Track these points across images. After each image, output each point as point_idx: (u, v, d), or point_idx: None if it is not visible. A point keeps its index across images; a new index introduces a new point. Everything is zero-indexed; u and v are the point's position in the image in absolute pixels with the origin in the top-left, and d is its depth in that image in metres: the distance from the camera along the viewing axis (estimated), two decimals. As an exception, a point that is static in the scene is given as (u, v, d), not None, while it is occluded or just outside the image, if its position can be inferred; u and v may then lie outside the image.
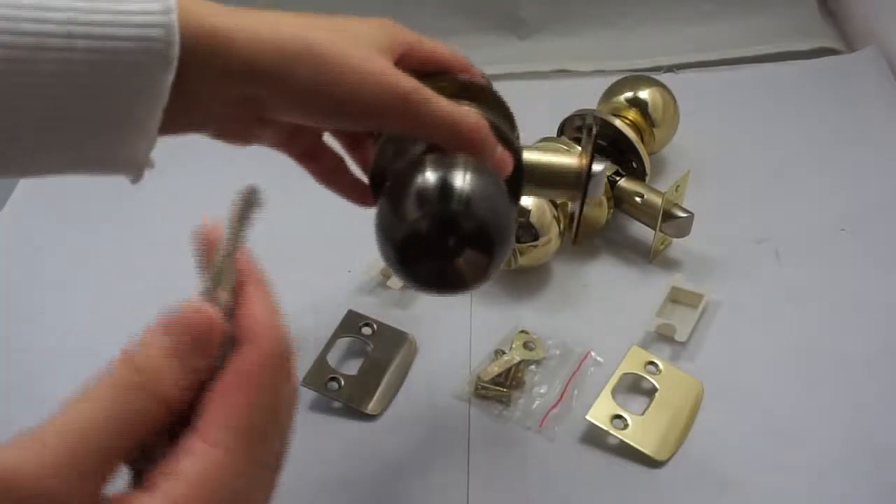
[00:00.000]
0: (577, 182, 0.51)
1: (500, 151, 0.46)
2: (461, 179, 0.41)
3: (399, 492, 0.56)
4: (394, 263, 0.43)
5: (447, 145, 0.44)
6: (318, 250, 0.72)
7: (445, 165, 0.42)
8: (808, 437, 0.56)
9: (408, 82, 0.43)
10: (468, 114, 0.44)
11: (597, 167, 0.51)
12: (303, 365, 0.61)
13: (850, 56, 0.91)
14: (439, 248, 0.42)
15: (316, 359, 0.62)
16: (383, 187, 0.45)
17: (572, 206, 0.54)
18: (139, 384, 0.31)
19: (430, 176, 0.41)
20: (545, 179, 0.52)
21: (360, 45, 0.43)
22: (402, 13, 0.97)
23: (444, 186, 0.41)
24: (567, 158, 0.52)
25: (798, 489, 0.54)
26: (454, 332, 0.65)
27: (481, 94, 0.49)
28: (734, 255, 0.69)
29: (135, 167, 0.42)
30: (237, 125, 0.46)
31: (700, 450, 0.56)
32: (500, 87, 0.96)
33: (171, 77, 0.38)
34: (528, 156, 0.51)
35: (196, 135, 0.44)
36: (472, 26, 0.96)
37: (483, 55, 0.94)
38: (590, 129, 0.51)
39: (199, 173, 0.79)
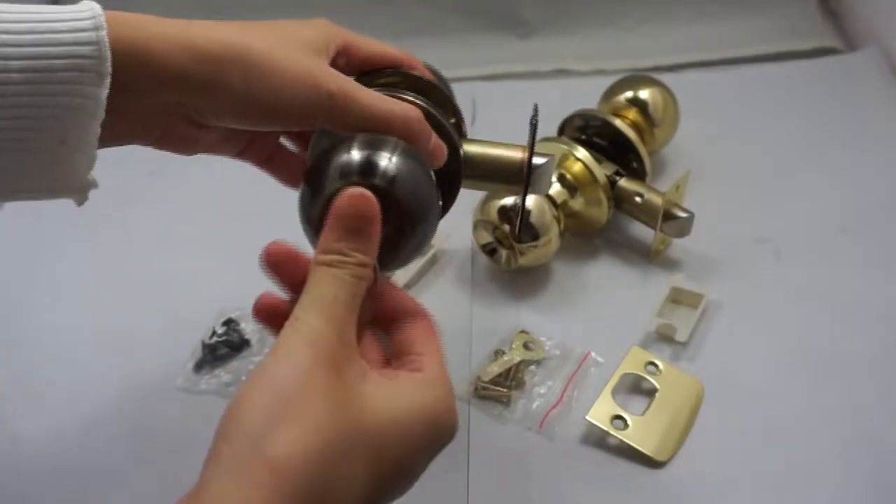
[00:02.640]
0: (519, 175, 0.50)
1: (435, 140, 0.46)
2: (387, 159, 0.41)
3: (399, 492, 0.56)
4: (312, 241, 0.42)
5: None
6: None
7: (373, 145, 0.41)
8: (808, 437, 0.56)
9: (334, 80, 0.43)
10: (398, 105, 0.44)
11: (539, 160, 0.50)
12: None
13: (850, 56, 0.91)
14: None
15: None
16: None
17: (517, 200, 0.54)
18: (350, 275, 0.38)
19: (355, 153, 0.41)
20: (487, 172, 0.51)
21: (289, 46, 0.43)
22: (401, 12, 0.97)
23: (368, 162, 0.41)
24: (509, 151, 0.51)
25: (798, 489, 0.54)
26: (454, 332, 0.65)
27: (423, 86, 0.49)
28: (734, 255, 0.69)
29: (77, 187, 0.42)
30: (175, 133, 0.46)
31: (700, 450, 0.56)
32: (500, 87, 0.97)
33: (105, 91, 0.38)
34: (471, 148, 0.50)
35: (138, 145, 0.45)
36: (471, 26, 0.96)
37: (483, 55, 0.95)
38: (532, 121, 0.50)
39: (198, 174, 0.79)
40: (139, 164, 0.81)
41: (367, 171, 0.40)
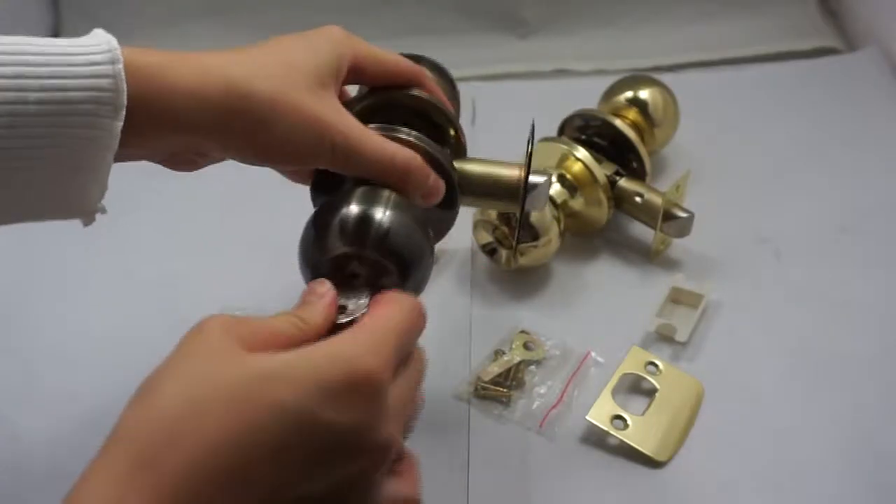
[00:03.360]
0: (516, 194, 0.51)
1: (433, 180, 0.48)
2: (381, 213, 0.44)
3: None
4: (307, 280, 0.45)
5: (378, 182, 0.46)
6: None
7: (369, 200, 0.44)
8: (808, 437, 0.56)
9: (338, 131, 0.44)
10: (398, 156, 0.46)
11: (536, 179, 0.51)
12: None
13: (850, 56, 0.91)
14: (356, 278, 0.43)
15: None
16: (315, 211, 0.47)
17: (513, 217, 0.55)
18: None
19: (352, 209, 0.44)
20: (484, 191, 0.52)
21: (297, 85, 0.44)
22: (401, 12, 0.97)
23: (364, 220, 0.43)
24: (505, 170, 0.52)
25: (798, 489, 0.54)
26: (454, 332, 0.65)
27: (428, 108, 0.51)
28: (734, 255, 0.69)
29: (87, 212, 0.43)
30: (182, 159, 0.48)
31: (700, 450, 0.56)
32: (500, 87, 0.97)
33: (120, 124, 0.39)
34: (467, 167, 0.52)
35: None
36: (471, 26, 0.96)
37: (483, 55, 0.95)
38: (529, 139, 0.51)
39: (199, 177, 0.79)
40: (139, 165, 0.81)
41: (363, 228, 0.43)
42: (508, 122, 0.67)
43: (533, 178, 0.51)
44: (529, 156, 0.50)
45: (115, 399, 0.62)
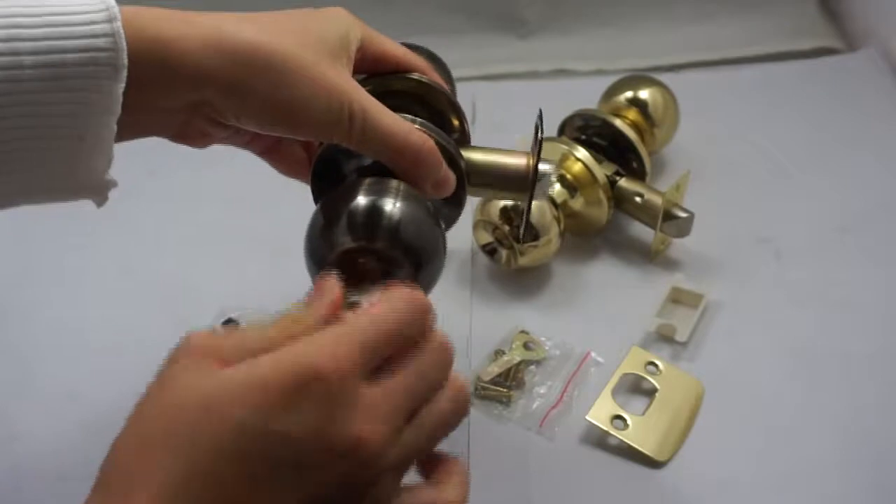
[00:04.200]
0: (523, 183, 0.50)
1: (444, 171, 0.46)
2: (391, 205, 0.42)
3: (399, 492, 0.56)
4: (313, 274, 0.44)
5: (390, 164, 0.45)
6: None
7: (377, 192, 0.43)
8: (808, 437, 0.56)
9: (356, 100, 0.42)
10: (413, 135, 0.44)
11: (544, 167, 0.50)
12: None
13: (850, 56, 0.91)
14: (368, 273, 0.42)
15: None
16: (320, 198, 0.46)
17: (522, 206, 0.54)
18: None
19: (361, 200, 0.42)
20: (491, 180, 0.51)
21: (317, 51, 0.42)
22: (401, 12, 0.97)
23: (374, 212, 0.42)
24: (513, 159, 0.51)
25: (798, 489, 0.54)
26: (454, 332, 0.65)
27: (433, 95, 0.50)
28: (734, 255, 0.69)
29: (96, 187, 0.41)
30: (193, 130, 0.45)
31: (700, 450, 0.56)
32: (500, 87, 0.96)
33: (121, 86, 0.37)
34: (474, 156, 0.50)
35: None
36: (471, 26, 0.96)
37: (483, 55, 0.94)
38: (537, 127, 0.50)
39: (200, 171, 0.79)
40: (139, 164, 0.81)
41: (373, 220, 0.42)
42: (508, 122, 0.67)
43: (541, 167, 0.50)
44: (539, 143, 0.49)
45: (113, 398, 0.62)
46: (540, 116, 0.50)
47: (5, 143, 0.37)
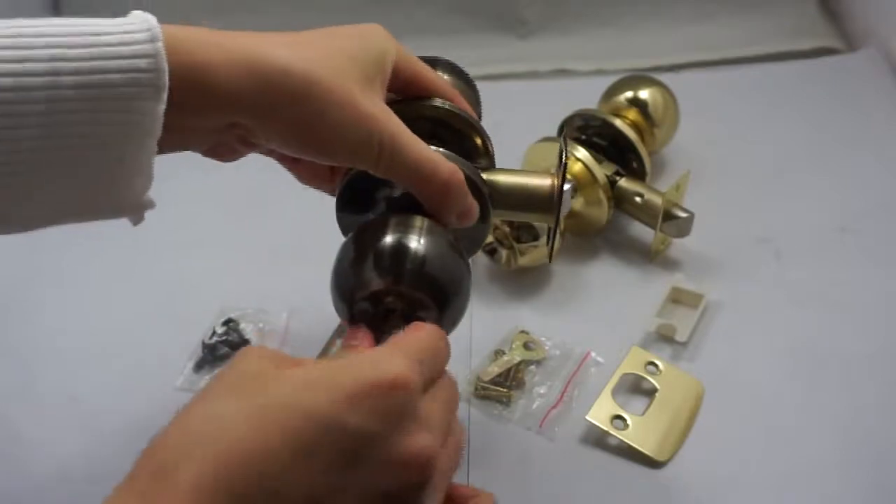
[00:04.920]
0: (548, 204, 0.50)
1: (469, 201, 0.46)
2: (416, 242, 0.43)
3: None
4: (340, 311, 0.44)
5: (416, 193, 0.45)
6: (320, 247, 0.72)
7: (402, 229, 0.43)
8: (808, 437, 0.56)
9: (386, 129, 0.42)
10: (442, 166, 0.44)
11: (567, 186, 0.50)
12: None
13: (850, 56, 0.91)
14: (393, 312, 0.43)
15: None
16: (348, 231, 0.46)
17: (548, 224, 0.53)
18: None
19: (388, 239, 0.43)
20: (516, 202, 0.51)
21: (351, 76, 0.42)
22: (401, 12, 0.97)
23: (400, 251, 0.43)
24: (537, 180, 0.51)
25: (798, 489, 0.54)
26: (454, 332, 0.65)
27: (462, 125, 0.50)
28: (734, 255, 0.69)
29: (135, 207, 0.41)
30: (223, 147, 0.46)
31: (700, 450, 0.56)
32: (500, 87, 0.96)
33: (162, 107, 0.37)
34: (500, 178, 0.51)
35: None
36: (471, 26, 0.97)
37: (483, 55, 0.94)
38: (561, 153, 0.50)
39: (204, 173, 0.79)
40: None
41: (399, 259, 0.42)
42: (508, 122, 0.67)
43: (565, 187, 0.50)
44: (564, 167, 0.49)
45: (114, 399, 0.63)
46: (564, 139, 0.50)
47: (46, 164, 0.36)
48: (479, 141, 0.51)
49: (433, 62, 0.53)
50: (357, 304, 0.43)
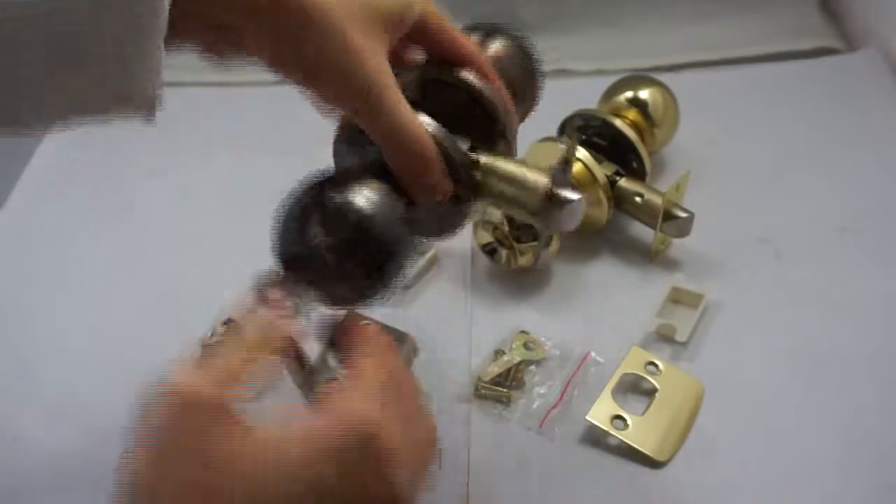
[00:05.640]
0: (537, 204, 0.47)
1: (435, 179, 0.45)
2: (363, 199, 0.42)
3: (399, 492, 0.56)
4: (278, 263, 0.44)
5: (387, 157, 0.44)
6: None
7: (349, 189, 0.42)
8: (808, 437, 0.56)
9: (376, 79, 0.41)
10: (416, 137, 0.43)
11: (572, 196, 0.46)
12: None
13: (850, 56, 0.91)
14: (327, 270, 0.42)
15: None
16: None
17: (535, 224, 0.51)
18: None
19: (334, 195, 0.42)
20: (506, 195, 0.48)
21: (364, 20, 0.41)
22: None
23: (343, 208, 0.42)
24: (533, 175, 0.47)
25: (798, 489, 0.54)
26: (454, 332, 0.65)
27: (483, 102, 0.48)
28: (734, 255, 0.69)
29: (145, 101, 0.40)
30: (216, 49, 0.44)
31: (700, 450, 0.56)
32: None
33: (166, 4, 0.36)
34: (497, 164, 0.48)
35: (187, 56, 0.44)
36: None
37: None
38: (565, 160, 0.49)
39: (198, 174, 0.79)
40: (139, 165, 0.81)
41: (340, 218, 0.42)
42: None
43: (570, 195, 0.46)
44: (568, 164, 0.48)
45: (115, 400, 0.62)
46: (569, 150, 0.49)
47: (54, 60, 0.36)
48: (489, 121, 0.48)
49: (492, 29, 0.52)
50: (293, 255, 0.43)
